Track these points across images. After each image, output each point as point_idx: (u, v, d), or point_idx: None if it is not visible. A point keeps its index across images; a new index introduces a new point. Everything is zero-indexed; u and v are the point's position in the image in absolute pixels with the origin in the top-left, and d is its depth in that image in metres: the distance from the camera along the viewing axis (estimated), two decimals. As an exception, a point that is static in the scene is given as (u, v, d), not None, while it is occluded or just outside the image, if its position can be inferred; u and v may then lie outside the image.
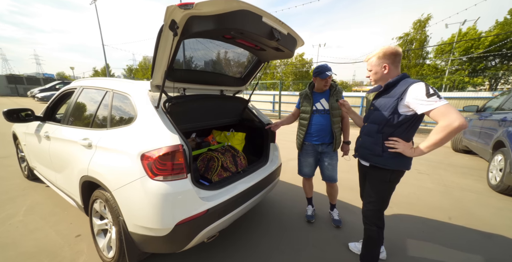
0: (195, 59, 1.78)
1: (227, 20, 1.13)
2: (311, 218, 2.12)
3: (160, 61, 1.32)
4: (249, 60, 2.09)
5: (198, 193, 1.33)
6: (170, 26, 1.13)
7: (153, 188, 1.18)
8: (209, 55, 1.84)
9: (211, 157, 1.85)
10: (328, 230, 2.01)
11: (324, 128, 1.89)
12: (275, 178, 2.10)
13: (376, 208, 1.37)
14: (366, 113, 1.45)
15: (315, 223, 2.11)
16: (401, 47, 23.65)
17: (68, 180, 1.75)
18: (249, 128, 2.38)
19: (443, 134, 1.04)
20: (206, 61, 1.89)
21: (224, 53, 1.93)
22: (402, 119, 1.18)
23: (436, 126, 1.07)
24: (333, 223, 2.07)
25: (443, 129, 1.03)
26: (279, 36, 1.39)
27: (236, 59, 2.06)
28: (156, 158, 1.19)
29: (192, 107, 1.79)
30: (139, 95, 1.45)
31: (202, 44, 1.67)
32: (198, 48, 1.69)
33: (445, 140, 1.05)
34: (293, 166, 3.60)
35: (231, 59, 2.03)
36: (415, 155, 1.17)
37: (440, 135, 1.05)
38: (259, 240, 1.84)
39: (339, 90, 1.90)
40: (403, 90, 1.15)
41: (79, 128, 1.73)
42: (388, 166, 1.26)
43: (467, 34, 18.47)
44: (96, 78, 1.90)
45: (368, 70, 1.35)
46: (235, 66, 2.13)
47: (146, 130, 1.31)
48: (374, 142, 1.29)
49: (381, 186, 1.33)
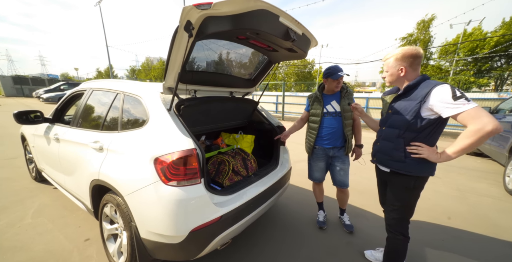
0: (206, 60, 1.75)
1: (245, 20, 1.09)
2: (323, 224, 2.06)
3: (174, 63, 1.29)
4: (260, 61, 2.06)
5: (211, 198, 1.29)
6: (186, 27, 1.10)
7: (167, 193, 1.14)
8: (219, 56, 1.81)
9: (222, 160, 1.81)
10: (340, 236, 1.95)
11: (336, 131, 1.84)
12: (285, 182, 2.05)
13: (400, 216, 1.30)
14: (383, 116, 1.40)
15: (327, 228, 2.06)
16: (405, 48, 23.44)
17: (77, 183, 1.73)
18: (258, 131, 2.35)
19: (473, 139, 0.98)
20: (217, 63, 1.86)
21: (234, 54, 1.89)
22: (425, 124, 1.13)
23: (465, 131, 1.02)
24: (345, 228, 2.01)
25: (474, 134, 0.97)
26: (295, 37, 1.35)
27: (246, 60, 2.02)
28: (170, 162, 1.15)
29: (203, 110, 1.76)
30: (151, 97, 1.42)
31: (213, 45, 1.64)
32: (209, 49, 1.66)
33: (476, 145, 0.99)
34: (300, 169, 3.55)
35: (241, 60, 1.99)
36: (441, 160, 1.11)
37: (470, 140, 0.99)
38: (270, 246, 1.80)
39: (350, 92, 1.85)
40: (426, 92, 1.09)
41: (89, 131, 1.70)
42: (411, 172, 1.20)
43: (472, 34, 18.25)
44: (106, 80, 1.88)
45: (384, 70, 1.30)
46: (245, 67, 2.09)
47: (159, 133, 1.28)
48: (395, 147, 1.24)
49: (405, 193, 1.27)
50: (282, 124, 2.23)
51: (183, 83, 1.47)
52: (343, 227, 2.05)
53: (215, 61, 1.83)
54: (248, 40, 1.47)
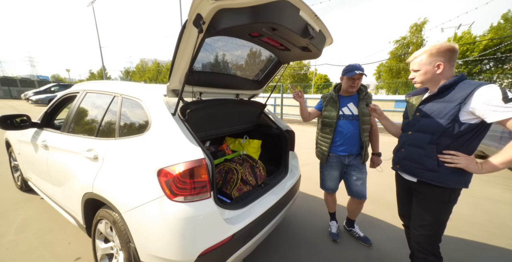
0: (212, 60, 1.61)
1: (264, 13, 0.96)
2: (336, 237, 1.90)
3: (180, 62, 1.14)
4: (268, 61, 1.93)
5: (222, 214, 1.14)
6: (195, 21, 0.96)
7: (172, 210, 0.99)
8: (226, 56, 1.67)
9: (230, 168, 1.66)
10: (356, 249, 1.81)
11: (352, 136, 1.68)
12: (296, 191, 1.92)
13: (432, 233, 1.17)
14: (408, 119, 1.26)
15: (346, 238, 1.92)
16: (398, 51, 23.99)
17: (68, 195, 1.54)
18: (265, 135, 2.21)
19: None
20: (223, 62, 1.72)
21: (242, 53, 1.76)
22: (464, 129, 1.01)
23: None
24: (361, 241, 1.87)
25: None
26: (313, 34, 1.23)
27: (254, 60, 1.89)
28: (176, 174, 1.00)
29: (209, 114, 1.61)
30: (153, 100, 1.27)
31: (219, 43, 1.50)
32: (215, 48, 1.52)
33: None
34: (305, 174, 3.42)
35: (249, 60, 1.86)
36: (483, 171, 0.99)
37: None
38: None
39: (370, 95, 1.71)
40: (467, 93, 0.97)
41: (82, 137, 1.53)
42: (446, 184, 1.08)
43: (462, 38, 18.80)
44: (101, 82, 1.71)
45: (413, 70, 1.18)
46: (253, 68, 1.96)
47: (163, 141, 1.13)
48: (427, 154, 1.11)
49: (438, 207, 1.14)
50: (291, 128, 2.10)
51: (189, 85, 1.32)
52: (358, 239, 1.90)
53: (221, 60, 1.69)
54: (261, 37, 1.34)
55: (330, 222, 2.03)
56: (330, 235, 1.94)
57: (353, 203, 1.86)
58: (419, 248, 1.21)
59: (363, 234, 1.91)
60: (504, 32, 16.93)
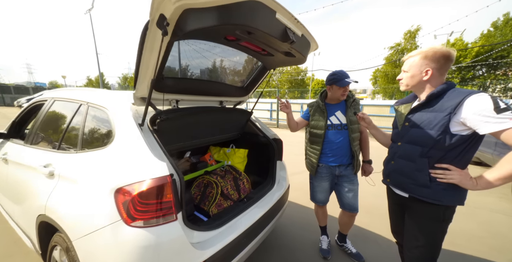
0: (190, 64, 1.51)
1: (233, 14, 0.87)
2: (327, 254, 1.76)
3: (146, 68, 1.04)
4: (253, 67, 1.84)
5: (191, 238, 1.00)
6: (158, 23, 0.87)
7: (128, 238, 0.85)
8: (206, 61, 1.58)
9: (209, 182, 1.53)
10: None
11: (342, 146, 1.58)
12: (284, 203, 1.79)
13: (426, 257, 1.05)
14: (397, 129, 1.17)
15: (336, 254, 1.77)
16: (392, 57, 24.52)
17: (25, 216, 1.38)
18: (252, 144, 2.09)
19: None
20: (204, 68, 1.62)
21: (224, 58, 1.67)
22: (455, 141, 0.91)
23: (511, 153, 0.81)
24: (353, 258, 1.73)
25: None
26: (294, 38, 1.14)
27: (238, 66, 1.80)
28: (135, 195, 0.87)
29: (187, 123, 1.50)
30: (118, 109, 1.15)
31: (198, 47, 1.41)
32: (193, 51, 1.43)
33: None
34: (298, 182, 3.29)
35: (233, 65, 1.77)
36: (478, 188, 0.89)
37: None
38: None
39: (357, 101, 1.61)
40: (457, 103, 0.89)
41: (43, 151, 1.39)
42: (439, 201, 0.97)
43: (455, 44, 19.28)
44: (70, 89, 1.59)
45: (403, 70, 1.09)
46: (237, 73, 1.87)
47: (125, 155, 1.00)
48: (417, 168, 1.01)
49: (432, 226, 1.03)
50: (279, 136, 1.99)
51: (159, 92, 1.21)
52: (350, 256, 1.76)
53: (201, 66, 1.60)
54: (238, 41, 1.25)
55: (321, 237, 1.89)
56: (320, 252, 1.80)
57: (344, 216, 1.74)
58: None
59: (356, 250, 1.78)
60: (494, 39, 17.42)
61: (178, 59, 1.42)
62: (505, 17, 17.61)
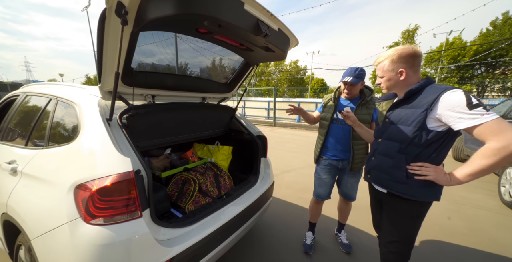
0: (168, 59, 1.48)
1: (193, 3, 0.83)
2: (309, 249, 1.77)
3: (112, 60, 1.00)
4: (235, 63, 1.80)
5: (157, 235, 0.98)
6: (117, 11, 0.83)
7: (86, 236, 0.82)
8: (186, 55, 1.54)
9: (187, 179, 1.51)
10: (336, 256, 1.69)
11: (343, 142, 1.57)
12: (267, 199, 1.77)
13: (400, 250, 1.07)
14: (378, 126, 1.18)
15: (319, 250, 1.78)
16: (392, 56, 25.01)
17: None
18: (237, 141, 2.06)
19: (494, 159, 0.76)
20: (183, 63, 1.59)
21: (205, 53, 1.63)
22: (432, 137, 0.91)
23: (484, 148, 0.80)
24: (342, 247, 1.77)
25: (496, 153, 0.76)
26: (267, 31, 1.11)
27: (219, 61, 1.77)
28: (93, 192, 0.84)
29: (163, 118, 1.47)
30: (86, 104, 1.12)
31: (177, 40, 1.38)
32: (171, 45, 1.39)
33: (497, 166, 0.78)
34: (288, 180, 3.28)
35: (214, 60, 1.73)
36: (452, 183, 0.89)
37: (490, 160, 0.77)
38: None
39: (372, 101, 1.51)
40: (433, 99, 0.89)
41: (11, 147, 1.36)
42: (415, 197, 0.98)
43: (453, 43, 19.22)
44: (43, 83, 1.56)
45: (378, 76, 1.09)
46: (219, 69, 1.83)
47: (89, 151, 0.97)
48: (395, 165, 1.01)
49: (407, 222, 1.04)
50: (263, 134, 1.96)
51: (128, 87, 1.18)
52: (339, 245, 1.81)
53: (180, 60, 1.56)
54: (212, 34, 1.21)
55: (307, 233, 1.90)
56: (303, 246, 1.80)
57: (341, 202, 1.84)
58: None
59: (347, 241, 1.82)
60: (493, 38, 17.37)
61: (155, 53, 1.39)
62: (504, 16, 17.51)
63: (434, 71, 20.86)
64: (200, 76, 1.74)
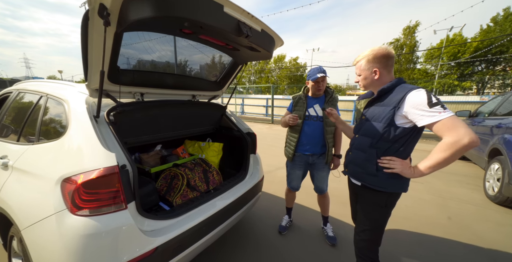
0: (155, 57, 1.51)
1: (174, 6, 0.87)
2: (284, 229, 1.97)
3: (97, 59, 1.04)
4: (224, 61, 1.84)
5: (142, 226, 1.04)
6: (99, 12, 0.87)
7: (72, 227, 0.88)
8: (174, 54, 1.57)
9: (175, 174, 1.56)
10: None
11: (316, 136, 1.71)
12: (256, 193, 1.83)
13: (370, 238, 1.14)
14: (357, 123, 1.24)
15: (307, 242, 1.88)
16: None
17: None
18: (228, 138, 2.12)
19: (449, 153, 0.83)
20: (171, 61, 1.62)
21: (194, 51, 1.66)
22: (399, 133, 0.98)
23: (440, 143, 0.87)
24: (328, 240, 1.85)
25: (450, 147, 0.83)
26: (249, 32, 1.15)
27: (209, 60, 1.80)
28: (79, 184, 0.90)
29: (151, 116, 1.51)
30: (74, 101, 1.17)
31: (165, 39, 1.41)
32: (160, 43, 1.42)
33: (451, 159, 0.84)
34: (281, 176, 3.33)
35: (203, 60, 1.77)
36: (415, 176, 0.95)
37: (445, 154, 0.84)
38: None
39: (335, 98, 1.73)
40: (401, 97, 0.95)
41: (3, 142, 1.41)
42: (384, 188, 1.04)
43: (454, 40, 19.07)
44: (36, 80, 1.60)
45: (357, 74, 1.16)
46: (209, 68, 1.87)
47: (76, 146, 1.02)
48: (367, 159, 1.08)
49: (376, 212, 1.11)
50: (253, 131, 2.01)
51: (115, 85, 1.22)
52: (325, 238, 1.89)
53: (169, 59, 1.59)
54: (196, 35, 1.25)
55: (284, 216, 2.09)
56: (278, 227, 1.99)
57: (318, 197, 1.97)
58: (359, 253, 1.19)
59: (333, 234, 1.90)
60: (494, 34, 17.22)
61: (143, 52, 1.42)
62: (505, 12, 17.31)
63: (434, 68, 20.76)
64: (189, 74, 1.78)
